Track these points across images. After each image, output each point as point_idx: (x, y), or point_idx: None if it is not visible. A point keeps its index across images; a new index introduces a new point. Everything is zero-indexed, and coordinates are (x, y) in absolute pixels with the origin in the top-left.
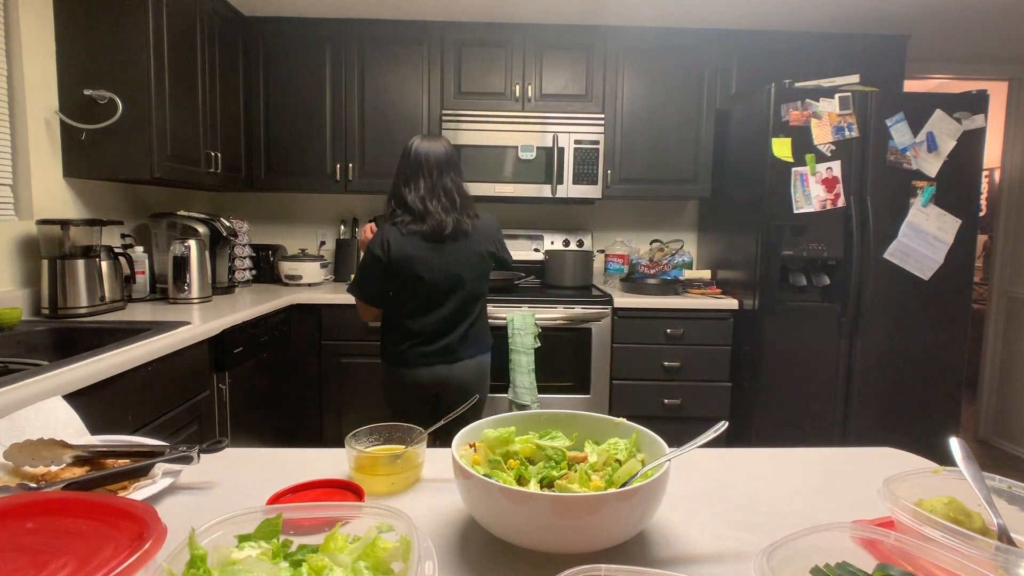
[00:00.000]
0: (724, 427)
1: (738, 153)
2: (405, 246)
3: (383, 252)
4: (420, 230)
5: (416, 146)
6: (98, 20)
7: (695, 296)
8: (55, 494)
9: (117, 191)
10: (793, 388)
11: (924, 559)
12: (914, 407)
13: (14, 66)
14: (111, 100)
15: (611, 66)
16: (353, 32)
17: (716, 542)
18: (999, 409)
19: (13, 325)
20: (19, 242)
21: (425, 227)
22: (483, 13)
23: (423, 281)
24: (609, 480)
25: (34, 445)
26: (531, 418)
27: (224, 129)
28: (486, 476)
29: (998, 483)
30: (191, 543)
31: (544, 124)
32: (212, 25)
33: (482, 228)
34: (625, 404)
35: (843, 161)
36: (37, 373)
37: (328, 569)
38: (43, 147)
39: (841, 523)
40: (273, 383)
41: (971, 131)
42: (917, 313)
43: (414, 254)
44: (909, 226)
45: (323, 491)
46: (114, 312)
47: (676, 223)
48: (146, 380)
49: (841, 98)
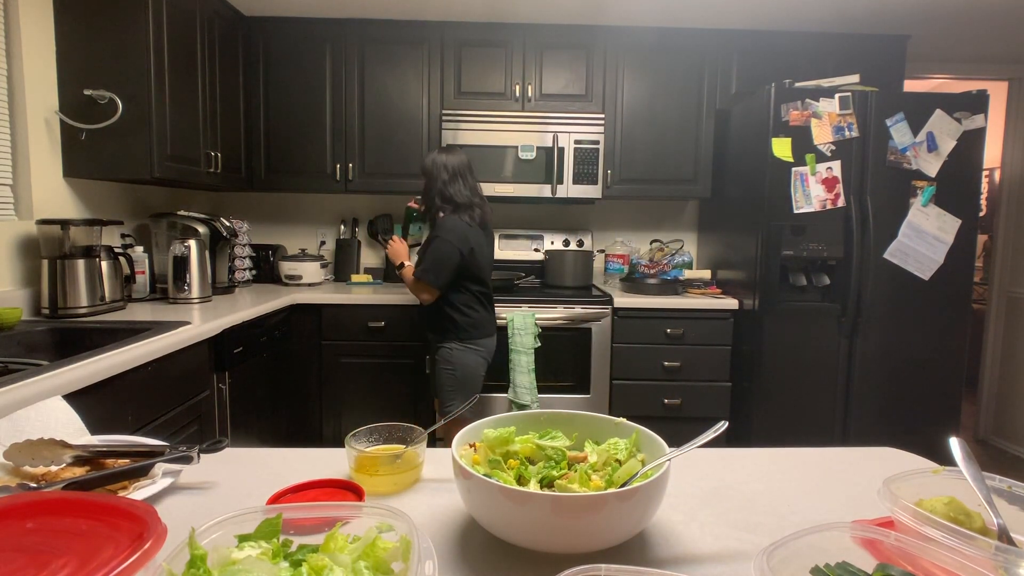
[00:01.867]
0: (724, 427)
1: (738, 153)
2: (471, 235)
3: (463, 244)
4: (476, 220)
5: (446, 159)
6: (98, 20)
7: (695, 296)
8: (55, 494)
9: (117, 191)
10: (793, 388)
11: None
12: (914, 407)
13: (14, 66)
14: (111, 100)
15: (611, 66)
16: (353, 32)
17: (716, 542)
18: (999, 409)
19: (13, 325)
20: (19, 242)
21: (477, 217)
22: (483, 13)
23: (481, 263)
24: (609, 480)
25: (34, 445)
26: (531, 418)
27: (224, 129)
28: (486, 476)
29: (998, 483)
30: (191, 543)
31: (544, 124)
32: (212, 25)
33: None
34: (625, 404)
35: (843, 161)
36: (37, 373)
37: (328, 569)
38: (43, 147)
39: (841, 523)
40: (273, 383)
41: (971, 131)
42: (917, 313)
43: (477, 240)
44: (909, 226)
45: (323, 491)
46: (114, 312)
47: (676, 223)
48: (146, 380)
49: (841, 98)
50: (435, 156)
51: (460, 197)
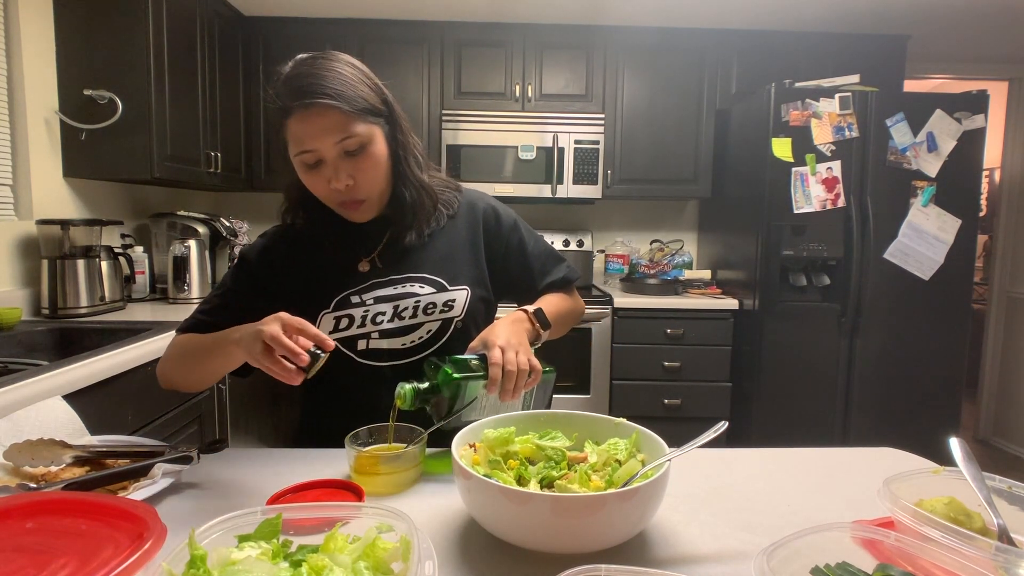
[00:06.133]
0: (724, 427)
1: (738, 153)
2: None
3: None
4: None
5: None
6: (98, 20)
7: (695, 296)
8: (55, 494)
9: (117, 191)
10: (793, 388)
11: (924, 559)
12: (914, 407)
13: (14, 66)
14: (111, 100)
15: (611, 66)
16: (353, 32)
17: (716, 542)
18: (999, 409)
19: (13, 325)
20: (19, 242)
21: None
22: (483, 13)
23: None
24: (609, 480)
25: (34, 445)
26: (531, 418)
27: (224, 129)
28: (486, 476)
29: (998, 483)
30: (191, 543)
31: (544, 124)
32: (212, 25)
33: None
34: (625, 404)
35: (843, 161)
36: (37, 373)
37: (328, 569)
38: (43, 147)
39: (841, 523)
40: (273, 383)
41: (971, 131)
42: (917, 313)
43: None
44: (909, 226)
45: (323, 491)
46: (114, 312)
47: (676, 223)
48: (146, 380)
49: (841, 98)
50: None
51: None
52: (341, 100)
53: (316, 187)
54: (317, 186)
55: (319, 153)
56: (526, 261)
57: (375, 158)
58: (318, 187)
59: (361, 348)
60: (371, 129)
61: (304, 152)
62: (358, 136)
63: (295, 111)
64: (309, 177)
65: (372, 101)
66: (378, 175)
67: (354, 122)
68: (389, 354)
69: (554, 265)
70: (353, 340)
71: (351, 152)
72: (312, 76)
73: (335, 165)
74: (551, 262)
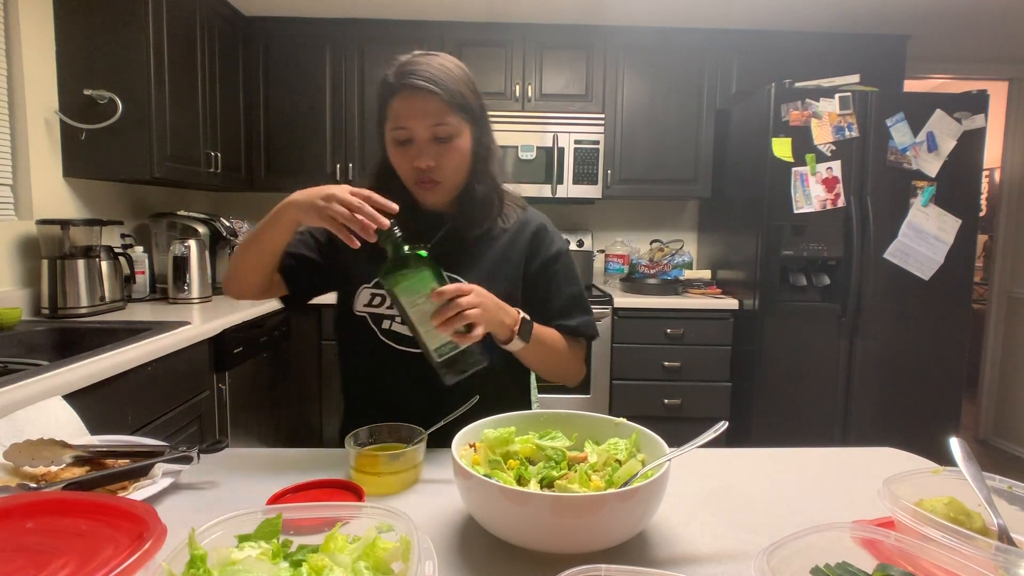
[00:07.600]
0: (724, 427)
1: (738, 153)
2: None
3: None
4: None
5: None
6: (98, 20)
7: (695, 296)
8: (55, 494)
9: (117, 191)
10: (793, 388)
11: (924, 559)
12: (914, 407)
13: (14, 66)
14: (111, 100)
15: (611, 66)
16: (353, 32)
17: (716, 542)
18: (999, 409)
19: (13, 325)
20: (19, 242)
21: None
22: (483, 13)
23: None
24: (609, 480)
25: (34, 445)
26: (531, 418)
27: (224, 129)
28: (486, 476)
29: (998, 483)
30: (191, 543)
31: (544, 124)
32: (212, 25)
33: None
34: (625, 404)
35: (843, 161)
36: (37, 373)
37: (328, 569)
38: (43, 147)
39: (841, 523)
40: (273, 383)
41: (971, 131)
42: (917, 313)
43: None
44: (909, 226)
45: (323, 491)
46: (114, 312)
47: (676, 223)
48: (146, 380)
49: (841, 98)
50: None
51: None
52: (443, 90)
53: (401, 163)
54: (402, 162)
55: (412, 132)
56: (550, 294)
57: (460, 150)
58: (403, 163)
59: (384, 327)
60: (462, 124)
61: (399, 128)
62: (449, 125)
63: (401, 91)
64: (397, 152)
65: (469, 100)
66: (459, 165)
67: (449, 112)
68: (407, 340)
69: (577, 312)
70: (379, 318)
71: (440, 139)
72: (424, 65)
73: (423, 146)
74: (576, 309)
